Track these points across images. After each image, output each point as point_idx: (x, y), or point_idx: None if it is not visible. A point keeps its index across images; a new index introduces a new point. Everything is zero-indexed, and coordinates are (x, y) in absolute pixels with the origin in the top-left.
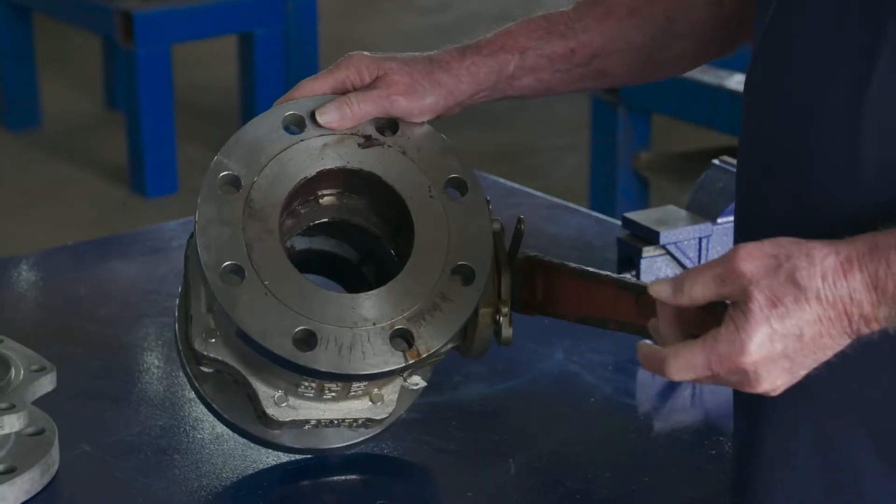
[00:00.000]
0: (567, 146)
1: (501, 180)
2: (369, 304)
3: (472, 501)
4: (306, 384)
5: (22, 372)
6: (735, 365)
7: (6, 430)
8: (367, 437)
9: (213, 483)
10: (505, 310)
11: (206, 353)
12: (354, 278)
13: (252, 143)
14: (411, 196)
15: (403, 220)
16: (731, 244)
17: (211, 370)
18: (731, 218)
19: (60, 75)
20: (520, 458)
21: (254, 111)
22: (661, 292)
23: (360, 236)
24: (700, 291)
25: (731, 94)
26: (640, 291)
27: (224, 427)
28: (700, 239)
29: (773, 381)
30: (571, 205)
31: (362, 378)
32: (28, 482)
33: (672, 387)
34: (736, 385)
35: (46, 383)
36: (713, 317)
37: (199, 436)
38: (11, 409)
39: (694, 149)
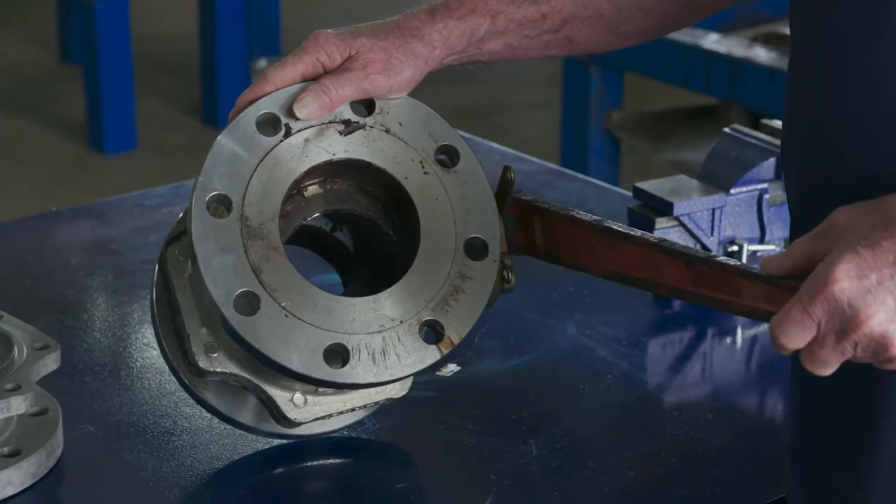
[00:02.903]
0: (536, 103)
1: (495, 145)
2: (391, 302)
3: (496, 484)
4: None
5: (25, 350)
6: (826, 299)
7: (13, 412)
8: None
9: (225, 464)
10: (509, 262)
11: (213, 370)
12: (329, 245)
13: (231, 155)
14: (406, 176)
15: (394, 195)
16: (744, 215)
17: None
18: (745, 188)
19: (13, 29)
20: (541, 437)
21: (214, 64)
22: (769, 263)
23: (351, 221)
24: (799, 249)
25: (707, 53)
26: (692, 260)
27: None
28: (713, 210)
29: (882, 321)
30: (569, 171)
31: (402, 379)
32: (34, 465)
33: (684, 361)
34: (845, 335)
35: (51, 362)
36: None
37: (207, 414)
38: (17, 389)
39: (666, 108)
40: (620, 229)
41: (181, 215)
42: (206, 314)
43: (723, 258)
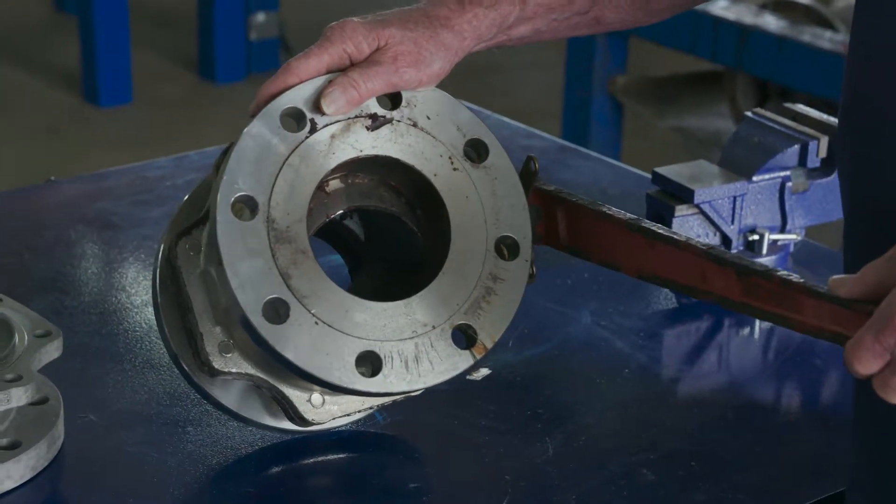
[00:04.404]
0: (533, 63)
1: (507, 119)
2: (423, 306)
3: (511, 485)
4: None
5: (26, 337)
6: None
7: (13, 404)
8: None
9: (232, 459)
10: (532, 255)
11: (227, 370)
12: (338, 232)
13: (255, 154)
14: (435, 173)
15: (420, 191)
16: (765, 203)
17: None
18: (767, 176)
19: None
20: (557, 435)
21: (211, 17)
22: (839, 285)
23: (374, 217)
24: (872, 273)
25: (715, 20)
26: (744, 272)
27: None
28: (734, 198)
29: None
30: (582, 149)
31: (435, 387)
32: (34, 458)
33: (702, 355)
34: None
35: (52, 350)
36: None
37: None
38: (18, 380)
39: (670, 73)
40: (661, 231)
41: (185, 199)
42: (222, 313)
43: (783, 272)
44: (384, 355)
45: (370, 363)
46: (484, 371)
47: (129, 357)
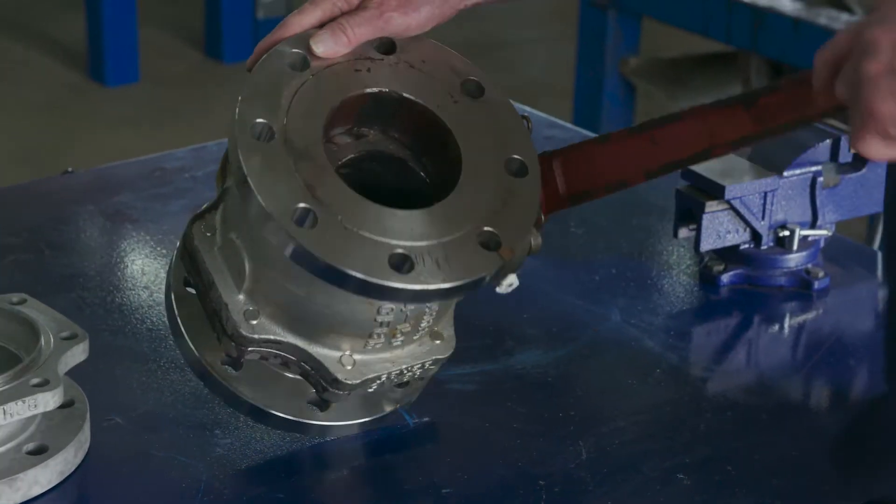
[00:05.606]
0: (538, 39)
1: (529, 109)
2: (444, 215)
3: (546, 490)
4: (378, 332)
5: (52, 340)
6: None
7: (40, 410)
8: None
9: (261, 464)
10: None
11: (256, 336)
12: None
13: (266, 89)
14: (438, 105)
15: (424, 133)
16: (796, 198)
17: (255, 357)
18: (798, 171)
19: None
20: (590, 438)
21: None
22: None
23: (381, 162)
24: (834, 46)
25: (729, 1)
26: (748, 101)
27: None
28: (765, 193)
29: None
30: None
31: (468, 288)
32: (62, 463)
33: (734, 354)
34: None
35: (79, 353)
36: None
37: None
38: (45, 385)
39: (683, 54)
40: (658, 119)
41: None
42: (248, 278)
43: (785, 78)
44: (415, 256)
45: (403, 263)
46: (512, 281)
47: (153, 357)
